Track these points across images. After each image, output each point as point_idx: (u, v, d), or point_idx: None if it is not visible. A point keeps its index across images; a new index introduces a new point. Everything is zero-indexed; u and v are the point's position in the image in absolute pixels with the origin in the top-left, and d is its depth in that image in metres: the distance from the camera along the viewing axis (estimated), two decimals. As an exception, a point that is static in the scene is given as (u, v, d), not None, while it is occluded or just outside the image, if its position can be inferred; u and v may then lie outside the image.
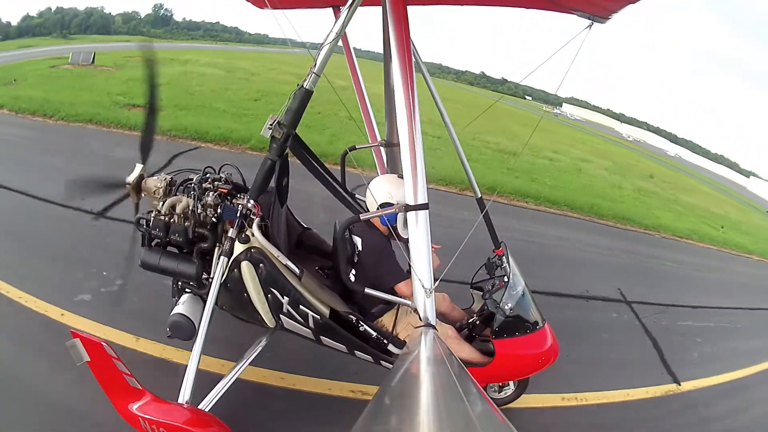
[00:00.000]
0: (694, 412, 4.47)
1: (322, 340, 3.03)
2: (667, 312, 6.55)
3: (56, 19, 53.11)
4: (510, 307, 3.16)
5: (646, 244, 10.03)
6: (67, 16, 55.25)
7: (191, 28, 79.81)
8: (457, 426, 1.45)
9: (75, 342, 2.26)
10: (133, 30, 61.34)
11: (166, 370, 3.35)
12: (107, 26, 59.68)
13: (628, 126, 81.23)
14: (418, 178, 2.52)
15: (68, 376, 2.97)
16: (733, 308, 7.67)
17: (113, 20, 63.14)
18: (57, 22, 52.14)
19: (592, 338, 5.25)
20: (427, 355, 2.34)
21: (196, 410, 2.51)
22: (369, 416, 1.65)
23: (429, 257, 2.55)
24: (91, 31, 54.81)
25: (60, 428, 2.87)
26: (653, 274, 8.09)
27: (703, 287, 8.31)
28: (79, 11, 57.32)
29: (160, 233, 2.79)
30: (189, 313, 2.85)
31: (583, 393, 4.24)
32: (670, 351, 5.43)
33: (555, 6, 2.80)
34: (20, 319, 3.62)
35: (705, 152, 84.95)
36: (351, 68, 3.75)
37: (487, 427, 1.50)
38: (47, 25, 49.25)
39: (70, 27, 53.58)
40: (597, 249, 8.63)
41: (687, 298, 7.24)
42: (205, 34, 79.62)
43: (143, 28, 64.40)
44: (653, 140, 72.25)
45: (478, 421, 1.50)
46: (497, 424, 1.53)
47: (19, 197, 5.54)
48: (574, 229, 9.46)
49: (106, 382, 2.37)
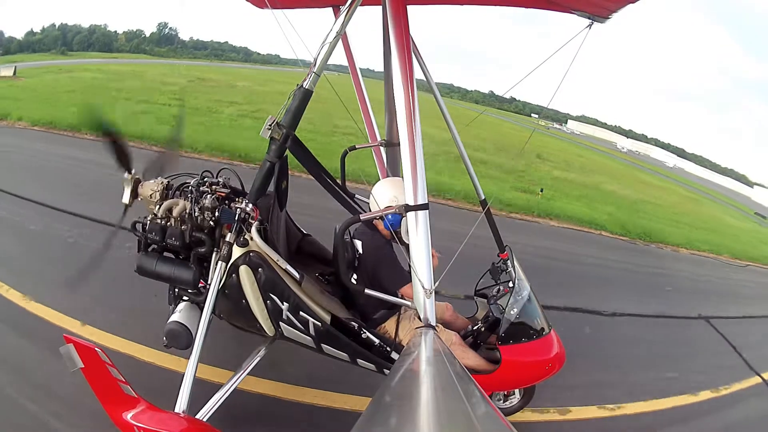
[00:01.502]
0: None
1: (324, 349, 2.95)
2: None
3: (56, 35, 53.64)
4: (516, 312, 3.09)
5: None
6: (69, 33, 55.85)
7: (198, 48, 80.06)
8: (458, 426, 1.42)
9: (68, 348, 2.17)
10: (136, 48, 61.94)
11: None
12: (109, 44, 60.24)
13: (631, 141, 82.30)
14: (418, 179, 2.48)
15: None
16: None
17: (116, 38, 63.75)
18: (57, 38, 52.65)
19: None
20: (427, 355, 2.30)
21: (193, 420, 2.42)
22: (369, 416, 1.61)
23: (429, 257, 2.50)
24: (93, 48, 55.39)
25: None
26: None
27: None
28: (82, 28, 58.02)
29: (156, 237, 2.73)
30: (186, 322, 2.78)
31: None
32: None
33: (555, 6, 2.80)
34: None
35: (714, 166, 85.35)
36: (351, 68, 3.73)
37: (488, 428, 1.47)
38: (46, 42, 49.74)
39: (73, 44, 54.14)
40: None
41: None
42: (210, 53, 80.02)
43: (146, 46, 64.94)
44: (656, 154, 73.03)
45: (479, 422, 1.47)
46: (498, 425, 1.48)
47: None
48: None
49: (100, 388, 2.28)
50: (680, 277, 8.68)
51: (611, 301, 6.38)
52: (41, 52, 42.69)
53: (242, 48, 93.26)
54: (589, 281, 7.14)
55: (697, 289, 8.33)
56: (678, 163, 67.97)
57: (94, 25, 59.66)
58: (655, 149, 79.45)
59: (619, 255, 9.15)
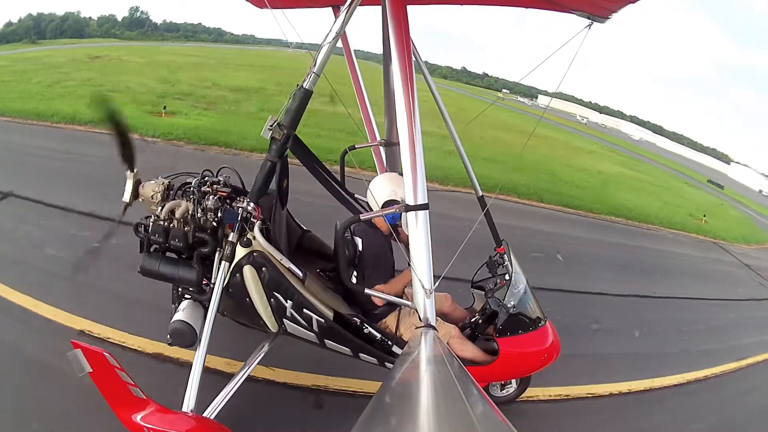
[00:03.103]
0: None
1: (327, 344, 2.99)
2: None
3: (29, 24, 51.80)
4: (513, 304, 3.18)
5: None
6: (43, 22, 54.02)
7: (170, 30, 78.93)
8: (458, 426, 1.45)
9: (76, 353, 2.18)
10: (106, 33, 60.52)
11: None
12: (81, 30, 58.56)
13: (604, 116, 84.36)
14: (418, 178, 2.51)
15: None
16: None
17: (88, 23, 62.01)
18: (29, 27, 50.86)
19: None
20: (427, 355, 2.33)
21: (201, 418, 2.45)
22: (369, 416, 1.63)
23: (429, 257, 2.53)
24: (66, 35, 53.69)
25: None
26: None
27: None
28: (56, 16, 56.24)
29: (160, 239, 2.72)
30: (190, 320, 2.77)
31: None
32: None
33: (555, 6, 2.82)
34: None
35: (693, 144, 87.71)
36: (351, 68, 3.73)
37: (487, 427, 1.50)
38: (19, 32, 48.01)
39: (46, 32, 52.41)
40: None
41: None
42: (181, 35, 78.81)
43: (116, 30, 63.53)
44: (626, 128, 74.88)
45: (479, 422, 1.50)
46: (498, 424, 1.52)
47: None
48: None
49: (109, 392, 2.30)
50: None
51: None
52: (14, 42, 41.18)
53: (215, 29, 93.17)
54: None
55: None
56: (650, 138, 69.65)
57: (68, 13, 57.91)
58: (625, 123, 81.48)
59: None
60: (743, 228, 16.94)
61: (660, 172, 29.51)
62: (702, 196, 23.34)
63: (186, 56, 33.07)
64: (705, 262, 10.68)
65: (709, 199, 23.53)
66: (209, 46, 61.75)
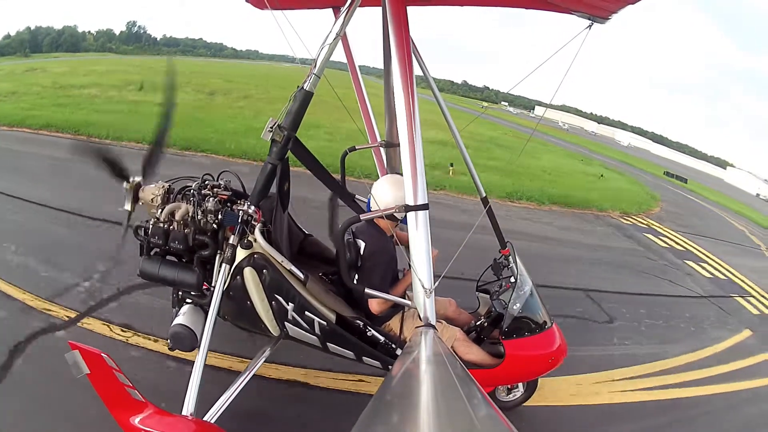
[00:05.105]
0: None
1: (329, 347, 2.95)
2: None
3: (24, 38, 52.16)
4: (518, 307, 3.14)
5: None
6: (40, 35, 54.41)
7: (170, 44, 79.56)
8: (458, 426, 1.43)
9: (74, 354, 2.13)
10: (102, 47, 60.89)
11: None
12: (77, 44, 58.99)
13: (601, 126, 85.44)
14: (417, 179, 2.49)
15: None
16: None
17: (84, 37, 62.44)
18: (24, 41, 51.23)
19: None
20: (427, 355, 2.32)
21: (201, 422, 2.39)
22: (370, 415, 1.62)
23: (429, 257, 2.51)
24: (62, 49, 54.12)
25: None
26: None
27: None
28: (53, 30, 56.66)
29: (159, 241, 2.69)
30: (190, 324, 2.74)
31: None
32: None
33: (555, 6, 2.83)
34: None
35: (694, 152, 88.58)
36: (351, 68, 3.72)
37: (487, 427, 1.49)
38: (13, 44, 48.33)
39: (42, 46, 52.81)
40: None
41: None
42: (179, 50, 79.43)
43: (113, 44, 63.88)
44: (619, 136, 75.84)
45: (480, 423, 1.49)
46: (498, 424, 1.50)
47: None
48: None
49: (107, 394, 2.24)
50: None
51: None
52: (7, 55, 41.38)
53: (216, 44, 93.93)
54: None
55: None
56: (642, 145, 70.38)
57: (66, 26, 58.49)
58: (620, 132, 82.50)
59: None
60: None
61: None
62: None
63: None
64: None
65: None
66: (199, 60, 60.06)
